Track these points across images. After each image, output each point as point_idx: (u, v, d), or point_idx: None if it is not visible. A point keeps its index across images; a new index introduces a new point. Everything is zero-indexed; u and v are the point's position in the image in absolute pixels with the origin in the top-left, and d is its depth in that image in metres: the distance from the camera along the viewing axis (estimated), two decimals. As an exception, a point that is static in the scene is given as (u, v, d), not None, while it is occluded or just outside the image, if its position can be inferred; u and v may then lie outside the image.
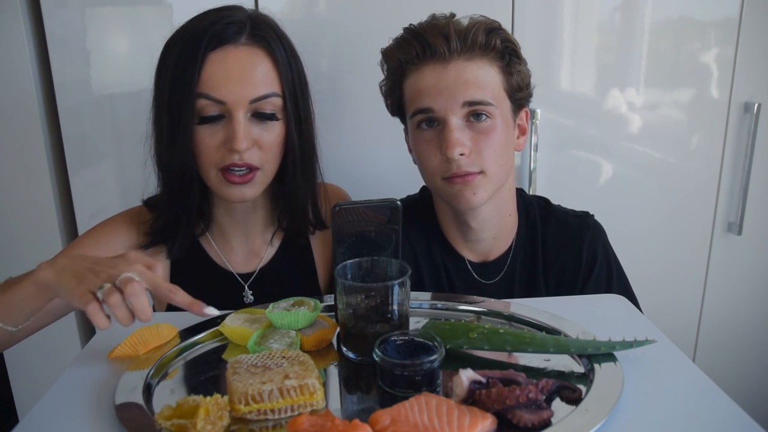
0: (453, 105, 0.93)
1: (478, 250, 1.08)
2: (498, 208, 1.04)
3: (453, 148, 0.93)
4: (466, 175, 0.95)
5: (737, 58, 1.47)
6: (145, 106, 0.97)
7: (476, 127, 0.95)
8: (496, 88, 0.95)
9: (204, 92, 0.89)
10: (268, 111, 0.92)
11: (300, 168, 0.98)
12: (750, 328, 1.68)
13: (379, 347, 0.69)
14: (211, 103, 0.89)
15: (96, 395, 0.69)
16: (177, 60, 0.90)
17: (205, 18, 0.92)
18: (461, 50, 0.93)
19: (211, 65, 0.88)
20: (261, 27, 0.93)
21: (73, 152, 1.39)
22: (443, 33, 0.93)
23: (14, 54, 1.34)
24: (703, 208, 1.58)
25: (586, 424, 0.59)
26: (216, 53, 0.89)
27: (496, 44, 0.94)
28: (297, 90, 0.95)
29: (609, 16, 1.46)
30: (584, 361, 0.72)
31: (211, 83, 0.88)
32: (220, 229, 1.05)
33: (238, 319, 0.83)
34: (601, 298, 0.95)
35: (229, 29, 0.90)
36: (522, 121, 1.04)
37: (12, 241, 1.42)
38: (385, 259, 0.79)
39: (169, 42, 0.93)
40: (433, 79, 0.94)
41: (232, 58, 0.89)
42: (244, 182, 0.92)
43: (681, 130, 1.53)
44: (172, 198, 0.96)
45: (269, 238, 1.07)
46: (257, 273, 1.05)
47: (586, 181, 1.53)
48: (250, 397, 0.62)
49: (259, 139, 0.92)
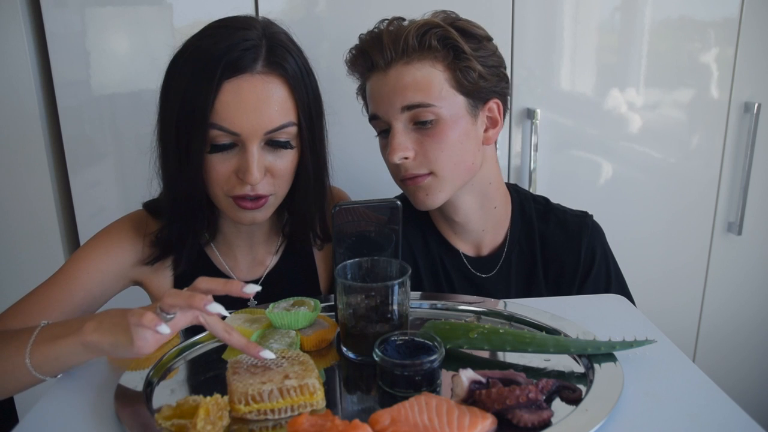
0: (393, 110, 0.95)
1: (470, 241, 1.10)
2: (480, 201, 1.05)
3: (394, 153, 0.95)
4: (415, 177, 0.97)
5: (737, 58, 1.47)
6: (145, 107, 0.97)
7: (422, 130, 0.95)
8: (439, 87, 0.94)
9: (217, 123, 0.85)
10: (283, 139, 0.89)
11: (312, 189, 0.97)
12: (750, 328, 1.68)
13: (379, 347, 0.69)
14: (223, 133, 0.86)
15: (96, 395, 0.69)
16: (189, 85, 0.85)
17: (220, 40, 0.86)
18: (396, 57, 0.94)
19: (225, 95, 0.84)
20: (276, 50, 0.88)
21: (73, 152, 1.39)
22: (378, 44, 0.95)
23: (14, 54, 1.34)
24: (703, 208, 1.58)
25: (586, 424, 0.59)
26: (231, 82, 0.84)
27: (432, 44, 0.93)
28: (312, 112, 0.93)
29: (609, 16, 1.46)
30: (584, 361, 0.72)
31: (224, 114, 0.85)
32: (225, 238, 1.04)
33: (238, 319, 0.83)
34: (601, 298, 0.95)
35: (246, 57, 0.85)
36: (492, 113, 1.01)
37: (12, 241, 1.42)
38: (385, 259, 0.79)
39: (179, 60, 0.88)
40: (377, 87, 0.97)
41: (247, 87, 0.85)
42: (256, 207, 0.91)
43: (681, 130, 1.53)
44: (178, 213, 0.94)
45: (274, 249, 1.07)
46: (262, 281, 1.05)
47: (586, 182, 1.53)
48: (250, 397, 0.62)
49: (272, 167, 0.90)
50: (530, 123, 1.46)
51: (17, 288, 0.94)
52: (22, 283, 0.96)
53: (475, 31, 0.97)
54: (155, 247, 0.98)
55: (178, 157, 0.88)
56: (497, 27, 1.42)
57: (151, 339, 0.68)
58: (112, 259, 0.97)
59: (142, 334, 0.67)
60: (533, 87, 1.47)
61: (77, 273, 0.94)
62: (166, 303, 0.67)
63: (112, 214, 1.05)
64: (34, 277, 0.95)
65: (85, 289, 0.94)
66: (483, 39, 0.98)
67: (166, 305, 0.67)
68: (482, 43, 0.97)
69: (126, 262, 0.98)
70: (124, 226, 1.00)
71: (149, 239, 0.97)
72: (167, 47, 0.90)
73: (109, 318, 0.71)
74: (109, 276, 0.97)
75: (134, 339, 0.67)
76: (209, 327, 0.70)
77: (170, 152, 0.90)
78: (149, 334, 0.67)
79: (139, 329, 0.67)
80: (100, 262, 0.96)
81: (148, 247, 0.98)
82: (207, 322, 0.70)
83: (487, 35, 0.99)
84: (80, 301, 0.94)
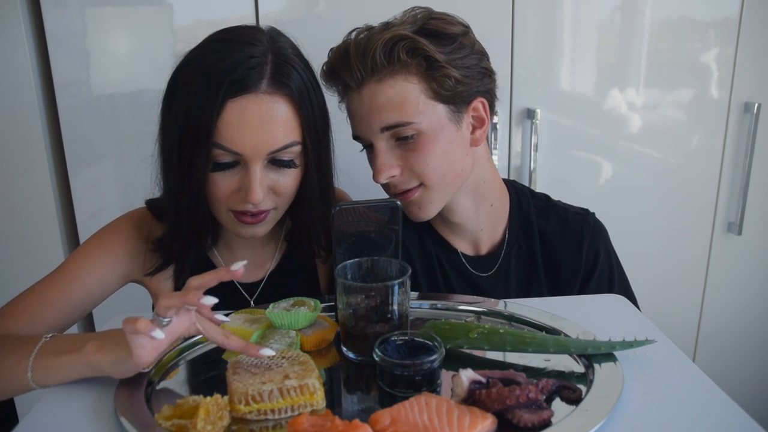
0: (372, 132, 0.92)
1: (469, 239, 1.08)
2: (476, 201, 1.03)
3: (380, 174, 0.93)
4: (405, 192, 0.95)
5: (737, 58, 1.47)
6: (145, 107, 0.96)
7: (405, 145, 0.93)
8: (416, 100, 0.90)
9: (219, 142, 0.84)
10: (287, 158, 0.88)
11: (317, 204, 0.96)
12: (750, 327, 1.68)
13: (379, 347, 0.69)
14: (225, 152, 0.85)
15: (96, 395, 0.69)
16: (192, 101, 0.84)
17: (225, 56, 0.84)
18: (367, 76, 0.90)
19: (228, 115, 0.83)
20: (282, 68, 0.86)
21: (73, 152, 1.39)
22: (345, 64, 0.91)
23: (14, 54, 1.34)
24: (703, 208, 1.58)
25: (586, 424, 0.59)
26: (234, 102, 0.83)
27: (400, 57, 0.89)
28: (318, 128, 0.91)
29: (609, 16, 1.46)
30: (584, 361, 0.72)
31: (226, 134, 0.83)
32: (226, 243, 1.04)
33: (238, 319, 0.83)
34: (601, 298, 0.95)
35: (251, 76, 0.83)
36: (478, 112, 0.97)
37: (12, 241, 1.42)
38: (385, 259, 0.79)
39: (182, 74, 0.87)
40: (353, 107, 0.94)
41: (251, 108, 0.83)
42: (256, 222, 0.91)
43: (681, 130, 1.53)
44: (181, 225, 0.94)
45: (275, 250, 1.07)
46: (263, 284, 1.05)
47: (586, 181, 1.53)
48: (250, 397, 0.62)
49: (275, 185, 0.89)
50: (530, 123, 1.46)
51: (17, 288, 0.93)
52: (21, 283, 0.96)
53: (449, 30, 0.92)
54: (157, 256, 0.97)
55: (181, 171, 0.88)
56: (497, 27, 1.42)
57: (148, 346, 0.66)
58: (113, 259, 0.97)
59: (139, 341, 0.65)
60: (533, 87, 1.47)
61: (77, 273, 0.94)
62: (161, 305, 0.66)
63: (112, 214, 1.04)
64: (34, 276, 0.95)
65: (85, 289, 0.94)
66: (458, 36, 0.92)
67: (162, 308, 0.66)
68: (457, 43, 0.92)
69: (126, 263, 0.98)
70: (125, 225, 0.99)
71: (151, 245, 0.97)
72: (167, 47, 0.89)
73: (110, 337, 0.71)
74: (108, 276, 0.97)
75: (132, 348, 0.65)
76: (207, 334, 0.70)
77: (173, 166, 0.89)
78: (145, 340, 0.65)
79: (135, 337, 0.65)
80: (100, 262, 0.96)
81: (150, 254, 0.97)
82: (204, 329, 0.70)
83: (462, 29, 0.94)
84: (79, 300, 0.93)
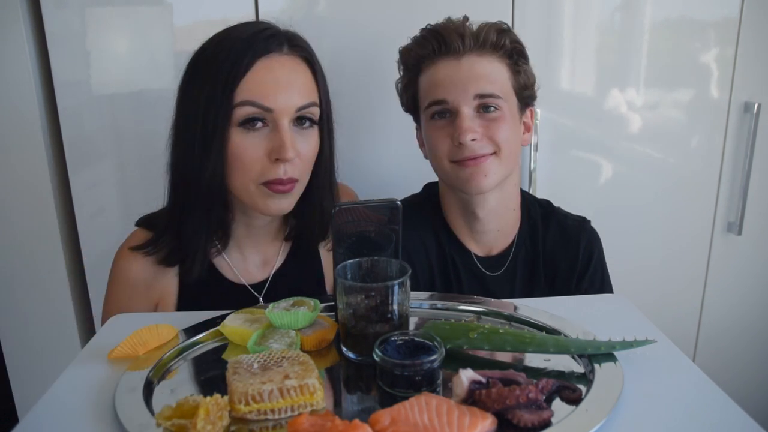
0: (465, 97, 1.00)
1: (484, 242, 1.14)
2: (504, 200, 1.10)
3: (465, 134, 0.99)
4: (478, 158, 1.01)
5: (737, 58, 1.47)
6: (145, 107, 0.97)
7: (486, 117, 1.02)
8: (505, 83, 1.03)
9: (251, 99, 0.88)
10: (309, 116, 0.93)
11: (328, 178, 1.00)
12: (750, 328, 1.68)
13: (379, 347, 0.69)
14: (256, 110, 0.88)
15: (96, 395, 0.69)
16: (221, 65, 0.88)
17: (246, 29, 0.92)
18: (473, 47, 1.01)
19: (258, 72, 0.88)
20: (297, 39, 0.95)
21: (73, 152, 1.39)
22: (458, 31, 1.01)
23: (14, 54, 1.34)
24: (703, 208, 1.57)
25: (586, 424, 0.59)
26: (263, 61, 0.89)
27: (506, 43, 1.02)
28: (328, 103, 0.98)
29: (609, 16, 1.46)
30: (584, 361, 0.72)
31: (257, 91, 0.88)
32: (236, 242, 1.04)
33: (238, 319, 0.83)
34: (601, 298, 0.96)
35: (273, 41, 0.90)
36: (527, 119, 1.11)
37: (12, 241, 1.42)
38: (385, 259, 0.79)
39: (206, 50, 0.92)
40: (447, 72, 1.02)
41: (278, 66, 0.90)
42: (288, 191, 0.93)
43: (681, 130, 1.53)
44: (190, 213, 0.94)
45: (280, 249, 1.08)
46: (270, 281, 1.05)
47: (586, 181, 1.53)
48: (250, 397, 0.62)
49: (299, 150, 0.92)
50: (532, 123, 1.45)
51: (17, 288, 0.93)
52: (22, 283, 0.96)
53: None
54: (161, 254, 0.98)
55: (204, 138, 0.89)
56: (497, 27, 1.42)
57: None
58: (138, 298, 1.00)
59: None
60: (533, 87, 1.47)
61: None
62: None
63: (112, 214, 1.04)
64: (33, 277, 0.95)
65: None
66: None
67: None
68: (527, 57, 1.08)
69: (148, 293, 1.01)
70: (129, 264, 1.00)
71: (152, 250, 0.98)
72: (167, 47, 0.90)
73: None
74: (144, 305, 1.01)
75: None
76: None
77: (195, 137, 0.90)
78: None
79: None
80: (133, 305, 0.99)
81: (153, 261, 0.99)
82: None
83: None
84: None
